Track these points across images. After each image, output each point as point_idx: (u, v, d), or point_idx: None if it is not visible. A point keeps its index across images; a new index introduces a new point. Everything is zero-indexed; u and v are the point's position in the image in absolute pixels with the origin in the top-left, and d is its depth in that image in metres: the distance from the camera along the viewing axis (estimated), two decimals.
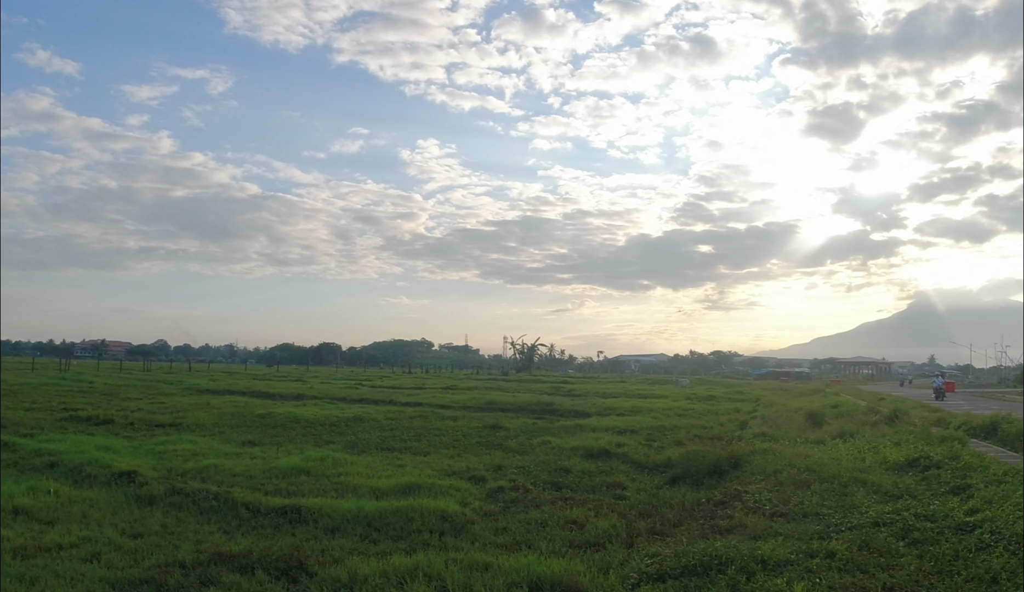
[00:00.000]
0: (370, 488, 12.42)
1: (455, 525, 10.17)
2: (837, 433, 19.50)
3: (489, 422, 23.50)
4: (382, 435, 20.56)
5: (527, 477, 14.00)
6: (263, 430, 21.38)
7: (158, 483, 12.43)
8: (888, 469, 13.34)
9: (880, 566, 7.57)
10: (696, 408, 33.63)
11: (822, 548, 8.10)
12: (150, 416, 24.03)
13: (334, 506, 10.86)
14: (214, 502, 11.28)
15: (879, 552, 7.99)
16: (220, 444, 17.94)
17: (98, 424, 21.75)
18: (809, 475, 12.47)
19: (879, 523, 9.17)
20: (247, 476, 13.60)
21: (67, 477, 13.06)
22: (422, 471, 14.24)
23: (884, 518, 9.33)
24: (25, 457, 15.05)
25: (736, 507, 10.96)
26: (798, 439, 18.49)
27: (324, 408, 28.61)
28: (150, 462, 14.70)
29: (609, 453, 16.94)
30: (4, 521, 9.83)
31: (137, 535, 9.61)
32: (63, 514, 10.43)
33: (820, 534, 8.88)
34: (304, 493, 12.13)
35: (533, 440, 19.36)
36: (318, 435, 20.45)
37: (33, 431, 18.95)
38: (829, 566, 7.57)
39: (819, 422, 23.81)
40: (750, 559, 7.68)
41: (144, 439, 18.69)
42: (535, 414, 28.55)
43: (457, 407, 31.38)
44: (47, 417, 22.85)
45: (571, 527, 10.24)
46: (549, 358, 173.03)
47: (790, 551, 8.01)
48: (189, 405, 29.29)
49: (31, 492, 11.26)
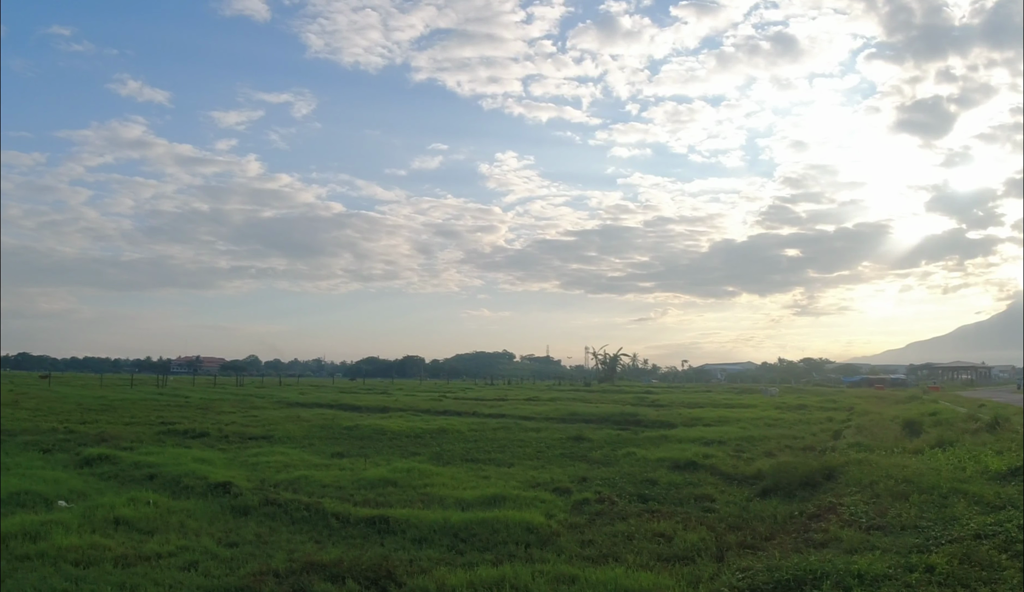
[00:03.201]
0: (456, 499, 12.49)
1: (541, 537, 10.13)
2: (935, 442, 18.70)
3: (572, 433, 23.40)
4: (466, 447, 20.69)
5: (612, 489, 13.87)
6: (351, 442, 21.77)
7: (252, 494, 12.78)
8: (990, 479, 12.71)
9: (982, 580, 7.21)
10: (786, 418, 32.77)
11: (921, 562, 7.77)
12: (243, 429, 24.73)
13: (421, 517, 10.96)
14: (305, 512, 11.52)
15: (980, 565, 7.61)
16: (310, 456, 18.35)
17: (194, 437, 22.47)
18: (907, 486, 12.00)
19: (980, 535, 8.73)
20: (336, 487, 13.86)
21: (165, 488, 13.53)
22: (506, 482, 14.26)
23: (986, 530, 8.89)
24: (125, 469, 15.65)
25: (831, 520, 10.62)
26: (894, 449, 17.80)
27: (409, 420, 28.97)
28: (244, 473, 15.11)
29: (696, 464, 16.65)
30: (106, 531, 10.25)
31: (232, 544, 9.90)
32: (162, 524, 10.80)
33: (919, 547, 8.52)
34: (391, 504, 12.28)
35: (617, 451, 19.18)
36: (404, 447, 20.71)
37: (133, 444, 19.68)
38: (929, 580, 7.26)
39: (916, 431, 22.90)
40: (846, 574, 7.42)
41: (238, 451, 19.25)
42: (619, 425, 28.30)
43: (540, 418, 31.36)
44: (146, 431, 23.75)
45: (659, 540, 10.08)
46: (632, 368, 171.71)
47: (888, 565, 7.71)
48: (280, 418, 30.06)
49: (131, 503, 11.69)
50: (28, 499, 12.11)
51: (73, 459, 17.27)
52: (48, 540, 9.41)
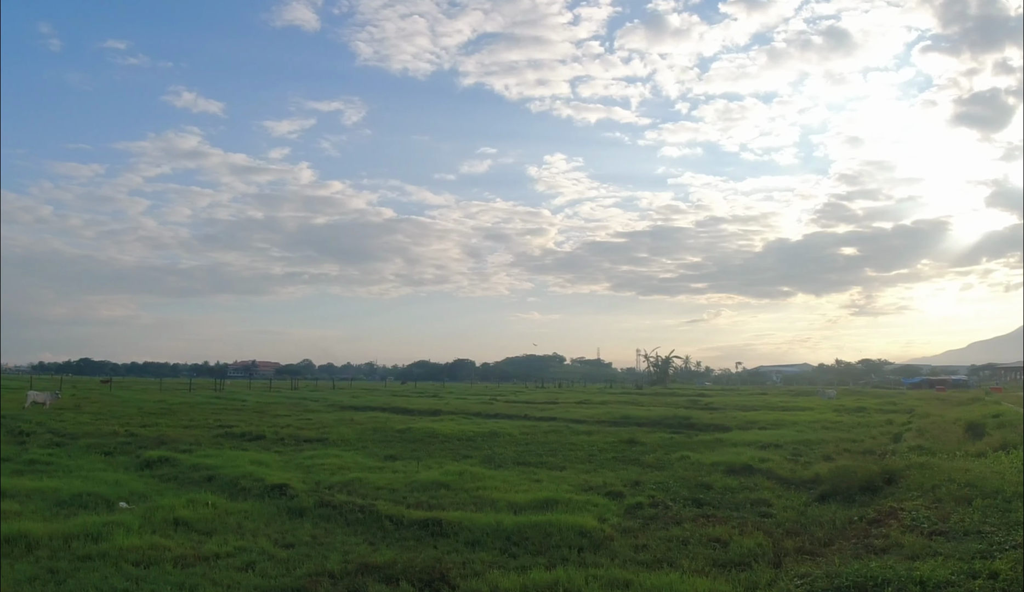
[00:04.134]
0: (508, 502, 12.47)
1: (594, 541, 10.06)
2: (999, 444, 18.13)
3: (625, 436, 23.22)
4: (518, 450, 20.66)
5: (666, 493, 13.71)
6: (403, 444, 21.90)
7: (307, 496, 12.92)
8: None
9: None
10: (844, 420, 32.07)
11: (985, 568, 7.53)
12: (298, 432, 25.03)
13: (473, 520, 10.97)
14: (359, 514, 11.61)
15: None
16: (363, 458, 18.50)
17: (251, 440, 22.80)
18: (970, 490, 11.65)
19: None
20: (390, 489, 13.94)
21: (223, 490, 13.75)
22: (559, 486, 14.19)
23: None
24: (184, 472, 15.95)
25: (891, 525, 10.36)
26: (957, 452, 17.31)
27: (460, 423, 29.05)
28: (299, 476, 15.29)
29: (752, 468, 16.38)
30: (166, 532, 10.45)
31: (289, 545, 10.02)
32: (220, 525, 10.98)
33: (982, 553, 8.26)
34: (444, 506, 12.31)
35: (671, 455, 18.98)
36: (455, 449, 20.76)
37: (192, 447, 20.04)
38: (992, 587, 7.03)
39: (979, 433, 22.24)
40: (907, 580, 7.22)
41: (293, 453, 19.49)
42: (672, 428, 28.02)
43: (591, 421, 31.18)
44: (204, 434, 24.18)
45: (714, 545, 9.93)
46: (684, 370, 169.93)
47: (950, 572, 7.49)
48: (334, 421, 30.39)
49: (190, 504, 11.89)
50: (90, 501, 12.42)
51: (134, 461, 17.67)
52: (110, 541, 9.62)
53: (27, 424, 25.65)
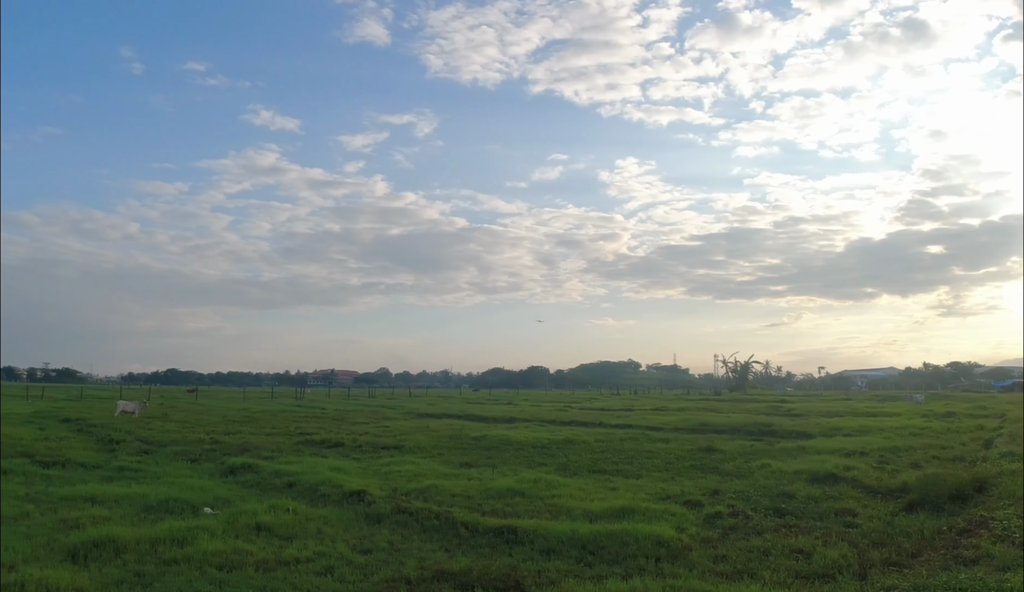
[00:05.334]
0: (583, 511, 12.36)
1: (671, 551, 9.89)
2: None
3: (703, 444, 22.82)
4: (593, 457, 20.49)
5: (746, 502, 13.40)
6: (478, 452, 21.96)
7: (384, 502, 13.05)
8: None
9: None
10: (933, 426, 30.86)
11: None
12: (375, 439, 25.33)
13: (548, 528, 10.90)
14: (435, 521, 11.67)
15: None
16: (439, 465, 18.61)
17: (330, 447, 23.18)
18: None
19: None
20: (465, 496, 13.97)
21: (303, 496, 13.98)
22: (635, 494, 14.02)
23: None
24: (266, 478, 16.29)
25: (982, 535, 9.89)
26: None
27: (535, 431, 28.98)
28: (377, 482, 15.45)
29: (836, 477, 15.89)
30: (248, 537, 10.68)
31: (366, 551, 10.13)
32: (300, 530, 11.16)
33: None
34: (519, 514, 12.28)
35: (751, 463, 18.56)
36: (530, 457, 20.71)
37: (273, 454, 20.48)
38: None
39: None
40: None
41: (371, 460, 19.72)
42: (752, 436, 27.43)
43: (668, 429, 30.75)
44: (285, 441, 24.69)
45: (796, 556, 9.66)
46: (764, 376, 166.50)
47: None
48: (410, 428, 30.68)
49: (272, 510, 12.12)
50: (176, 506, 12.77)
51: (218, 468, 18.14)
52: (194, 545, 9.88)
53: (117, 432, 26.60)
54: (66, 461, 18.58)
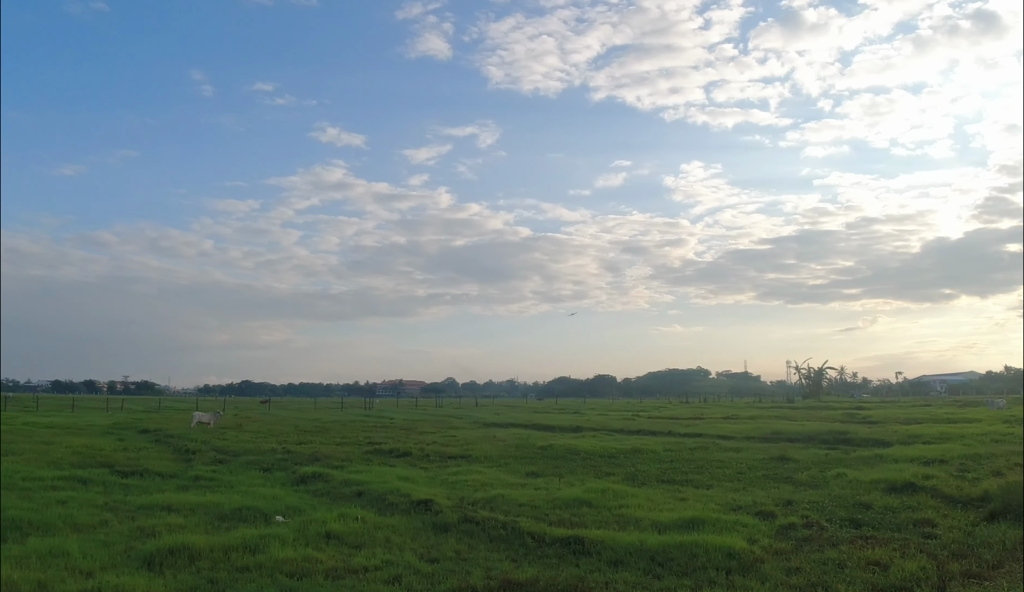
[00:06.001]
0: (652, 521, 12.18)
1: (743, 563, 9.65)
2: None
3: (775, 453, 22.31)
4: (661, 467, 20.22)
5: (821, 513, 13.02)
6: (545, 461, 21.87)
7: (451, 511, 13.06)
8: None
9: None
10: (1016, 432, 29.56)
11: None
12: (443, 449, 25.45)
13: (616, 538, 10.76)
14: (502, 531, 11.63)
15: None
16: (506, 475, 18.58)
17: (398, 456, 23.35)
18: None
19: None
20: (531, 506, 13.90)
21: (372, 505, 14.10)
22: (705, 505, 13.75)
23: None
24: (336, 487, 16.49)
25: None
26: None
27: (602, 440, 28.76)
28: (444, 491, 15.49)
29: (915, 486, 15.34)
30: (318, 545, 10.80)
31: (433, 560, 10.14)
32: (369, 539, 11.25)
33: None
34: (586, 524, 12.15)
35: (826, 472, 18.06)
36: (597, 467, 20.54)
37: (343, 463, 20.71)
38: None
39: None
40: None
41: (438, 470, 19.81)
42: (826, 444, 26.70)
43: (739, 437, 30.19)
44: (355, 451, 24.98)
45: (873, 569, 9.33)
46: (839, 382, 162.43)
47: None
48: (476, 438, 30.78)
49: (341, 518, 12.25)
50: (249, 514, 13.01)
51: (290, 477, 18.43)
52: (266, 553, 10.03)
53: (193, 443, 27.28)
54: (144, 471, 19.12)
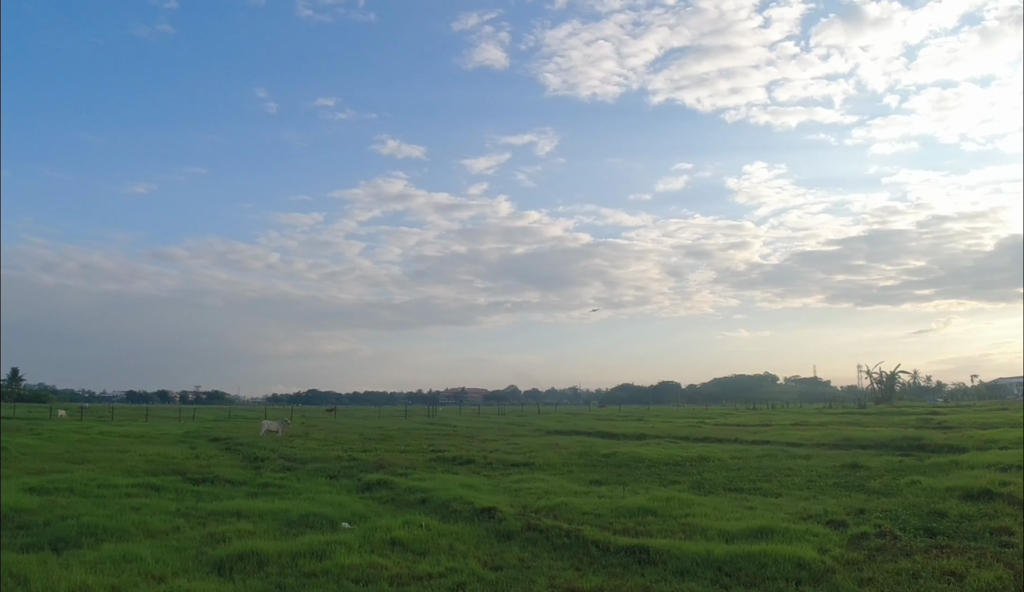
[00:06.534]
0: (719, 530, 11.96)
1: (813, 573, 9.40)
2: None
3: (846, 460, 21.74)
4: (728, 475, 19.87)
5: (894, 522, 12.61)
6: (608, 469, 21.70)
7: (515, 519, 13.04)
8: None
9: None
10: None
11: None
12: (505, 456, 25.45)
13: (682, 548, 10.61)
14: (566, 539, 11.56)
15: None
16: (569, 483, 18.49)
17: (461, 464, 23.42)
18: None
19: None
20: (595, 514, 13.80)
21: (436, 512, 14.13)
22: (774, 514, 13.46)
23: None
24: (400, 494, 16.61)
25: None
26: None
27: (667, 447, 28.41)
28: (507, 499, 15.48)
29: (992, 493, 14.75)
30: (383, 551, 10.87)
31: (497, 568, 10.12)
32: (433, 546, 11.28)
33: None
34: (651, 533, 12.00)
35: (899, 480, 17.51)
36: (662, 475, 20.29)
37: (407, 471, 20.87)
38: None
39: None
40: None
41: (501, 477, 19.81)
42: (900, 450, 25.91)
43: (809, 444, 29.51)
44: (419, 458, 25.15)
45: (948, 579, 9.00)
46: (912, 386, 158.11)
47: None
48: (539, 445, 30.70)
49: (406, 525, 12.31)
50: (316, 521, 13.18)
51: (355, 484, 18.63)
52: (332, 559, 10.14)
53: (261, 451, 27.85)
54: (215, 478, 19.55)
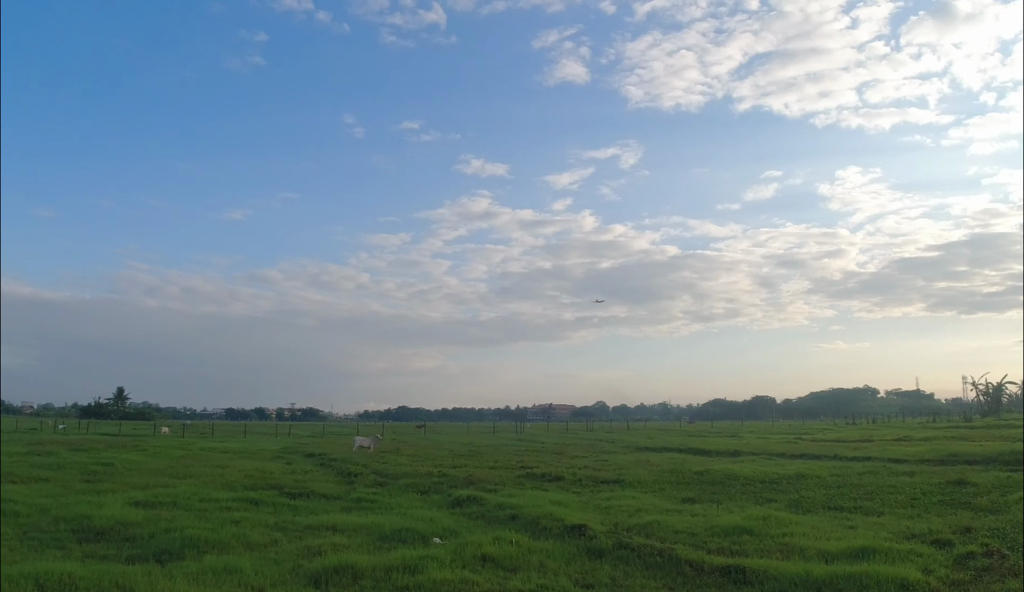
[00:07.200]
0: (817, 550, 11.62)
1: None
2: None
3: (952, 477, 20.79)
4: (827, 493, 19.27)
5: (1002, 541, 12.00)
6: (701, 487, 21.33)
7: (606, 537, 12.92)
8: None
9: None
10: None
11: None
12: (595, 473, 25.27)
13: (780, 568, 10.33)
14: (658, 558, 11.41)
15: None
16: (661, 500, 18.25)
17: (550, 481, 23.34)
18: None
19: None
20: (688, 533, 13.58)
21: (526, 529, 14.12)
22: (875, 533, 12.99)
23: None
24: (490, 510, 16.67)
25: None
26: None
27: (762, 464, 27.73)
28: (597, 517, 15.38)
29: None
30: (475, 567, 10.93)
31: (588, 586, 10.07)
32: (524, 563, 11.29)
33: None
34: (747, 553, 11.74)
35: (1008, 497, 16.66)
36: (758, 493, 19.83)
37: (497, 487, 20.94)
38: None
39: None
40: None
41: (591, 494, 19.69)
42: (1008, 466, 24.60)
43: (912, 460, 28.35)
44: (508, 474, 25.21)
45: None
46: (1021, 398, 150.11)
47: None
48: (629, 462, 30.40)
49: (496, 542, 12.36)
50: (408, 535, 13.35)
51: (446, 500, 18.79)
52: (425, 574, 10.27)
53: (355, 466, 28.38)
54: (310, 492, 20.04)
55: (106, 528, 13.88)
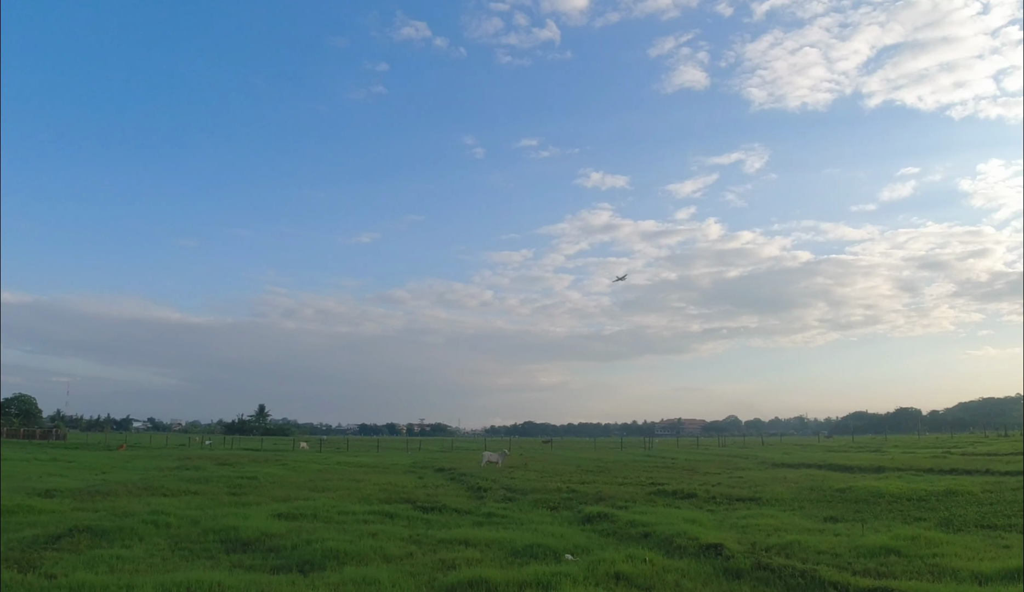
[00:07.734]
0: (971, 572, 10.94)
1: None
2: None
3: None
4: (980, 510, 18.12)
5: None
6: (844, 505, 20.43)
7: (743, 557, 12.56)
8: None
9: None
10: None
11: None
12: (729, 490, 24.66)
13: (931, 590, 9.80)
14: (800, 579, 11.00)
15: None
16: (800, 519, 17.61)
17: (682, 498, 22.94)
18: None
19: None
20: (831, 554, 13.03)
21: (659, 547, 13.93)
22: None
23: None
24: (622, 527, 16.49)
25: None
26: None
27: (909, 481, 26.33)
28: (734, 535, 14.98)
29: None
30: (608, 585, 10.85)
31: None
32: (658, 582, 11.12)
33: None
34: (895, 575, 11.17)
35: None
36: (905, 511, 18.83)
37: (627, 504, 20.71)
38: None
39: None
40: None
41: (725, 513, 19.20)
42: None
43: None
44: (638, 491, 24.90)
45: None
46: None
47: None
48: (765, 479, 29.48)
49: (629, 560, 12.24)
50: (539, 551, 13.37)
51: (575, 516, 18.72)
52: (558, 590, 10.31)
53: (484, 481, 28.71)
54: (442, 506, 20.40)
55: (251, 539, 14.53)
